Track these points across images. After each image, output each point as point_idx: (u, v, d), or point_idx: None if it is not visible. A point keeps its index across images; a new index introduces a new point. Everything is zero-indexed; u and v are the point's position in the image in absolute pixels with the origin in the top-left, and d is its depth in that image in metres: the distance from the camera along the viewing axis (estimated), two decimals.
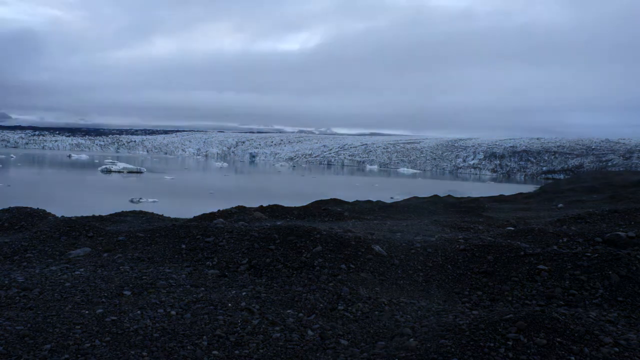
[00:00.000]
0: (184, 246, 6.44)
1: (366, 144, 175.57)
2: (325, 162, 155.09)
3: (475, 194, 33.21)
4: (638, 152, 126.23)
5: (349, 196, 22.48)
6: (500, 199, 26.29)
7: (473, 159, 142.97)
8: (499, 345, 3.38)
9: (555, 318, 3.64)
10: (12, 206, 8.93)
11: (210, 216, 10.67)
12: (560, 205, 19.06)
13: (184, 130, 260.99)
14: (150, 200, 31.47)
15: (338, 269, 5.70)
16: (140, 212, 10.27)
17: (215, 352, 3.68)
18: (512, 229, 8.46)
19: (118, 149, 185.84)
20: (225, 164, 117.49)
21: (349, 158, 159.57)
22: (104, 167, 66.53)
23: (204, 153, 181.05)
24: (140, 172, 64.73)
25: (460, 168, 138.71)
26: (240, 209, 11.32)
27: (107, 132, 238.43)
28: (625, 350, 3.37)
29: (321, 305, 4.64)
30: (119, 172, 63.06)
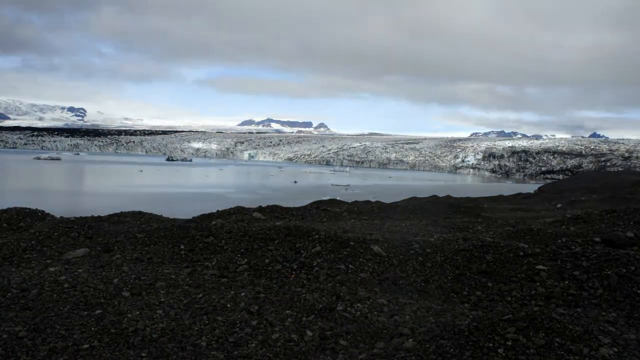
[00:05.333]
0: (182, 247, 6.43)
1: (365, 144, 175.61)
2: (324, 162, 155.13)
3: (473, 194, 33.28)
4: (637, 152, 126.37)
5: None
6: (499, 199, 26.29)
7: (472, 159, 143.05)
8: (498, 345, 3.38)
9: (554, 318, 3.64)
10: (11, 207, 8.92)
11: (209, 216, 10.66)
12: (559, 205, 19.06)
13: (182, 131, 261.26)
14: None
15: (337, 270, 5.70)
16: (139, 212, 10.24)
17: (214, 352, 3.68)
18: (511, 229, 8.46)
19: (117, 149, 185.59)
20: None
21: (348, 158, 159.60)
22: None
23: (204, 153, 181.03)
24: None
25: (460, 168, 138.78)
26: (239, 210, 11.31)
27: (106, 132, 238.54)
28: (624, 350, 3.37)
29: (320, 305, 4.63)
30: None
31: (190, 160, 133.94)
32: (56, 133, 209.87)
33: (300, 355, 3.72)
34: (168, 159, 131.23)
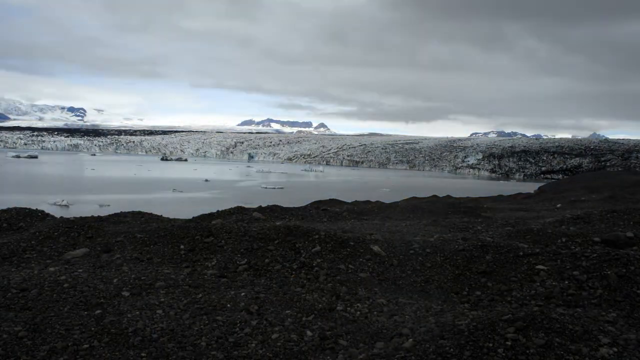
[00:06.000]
0: (182, 247, 6.43)
1: (364, 144, 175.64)
2: (324, 162, 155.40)
3: (473, 194, 33.31)
4: (636, 152, 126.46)
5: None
6: (499, 199, 26.30)
7: (472, 159, 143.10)
8: (498, 345, 3.38)
9: (553, 318, 3.64)
10: (11, 207, 8.92)
11: (209, 217, 10.67)
12: (559, 205, 19.05)
13: (182, 131, 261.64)
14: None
15: (337, 269, 5.70)
16: (139, 212, 10.24)
17: (214, 352, 3.68)
18: (511, 229, 8.46)
19: (117, 149, 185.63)
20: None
21: (348, 158, 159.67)
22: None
23: (204, 153, 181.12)
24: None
25: (459, 168, 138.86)
26: (239, 210, 11.31)
27: (106, 132, 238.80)
28: (624, 350, 3.37)
29: (320, 305, 4.63)
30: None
31: (186, 160, 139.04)
32: (56, 133, 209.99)
33: (300, 355, 3.72)
34: (163, 159, 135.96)
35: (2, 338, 3.61)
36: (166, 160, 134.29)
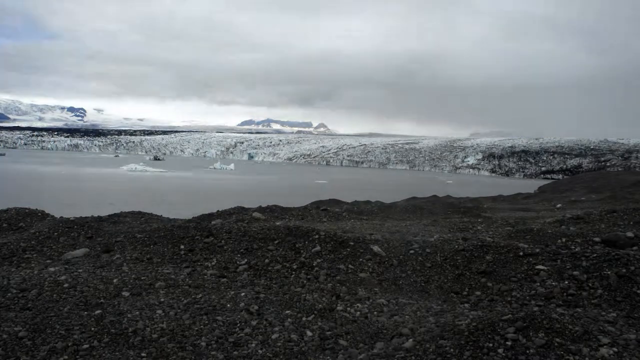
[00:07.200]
0: (182, 247, 6.43)
1: (364, 145, 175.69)
2: (324, 162, 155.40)
3: (473, 194, 33.33)
4: (636, 152, 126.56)
5: None
6: (499, 199, 26.32)
7: (472, 159, 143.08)
8: (498, 345, 3.38)
9: (554, 318, 3.64)
10: (11, 207, 8.92)
11: (209, 216, 10.66)
12: (559, 205, 19.06)
13: (182, 131, 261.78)
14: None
15: (337, 270, 5.70)
16: (139, 212, 10.24)
17: (214, 352, 3.68)
18: (511, 229, 8.46)
19: (117, 149, 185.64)
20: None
21: (348, 158, 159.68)
22: None
23: (203, 153, 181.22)
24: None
25: (459, 168, 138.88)
26: (239, 209, 11.31)
27: (106, 132, 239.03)
28: (624, 350, 3.37)
29: (320, 305, 4.63)
30: None
31: (163, 159, 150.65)
32: (56, 133, 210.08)
33: (300, 355, 3.72)
34: (155, 158, 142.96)
35: (2, 338, 3.61)
36: (157, 160, 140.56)
